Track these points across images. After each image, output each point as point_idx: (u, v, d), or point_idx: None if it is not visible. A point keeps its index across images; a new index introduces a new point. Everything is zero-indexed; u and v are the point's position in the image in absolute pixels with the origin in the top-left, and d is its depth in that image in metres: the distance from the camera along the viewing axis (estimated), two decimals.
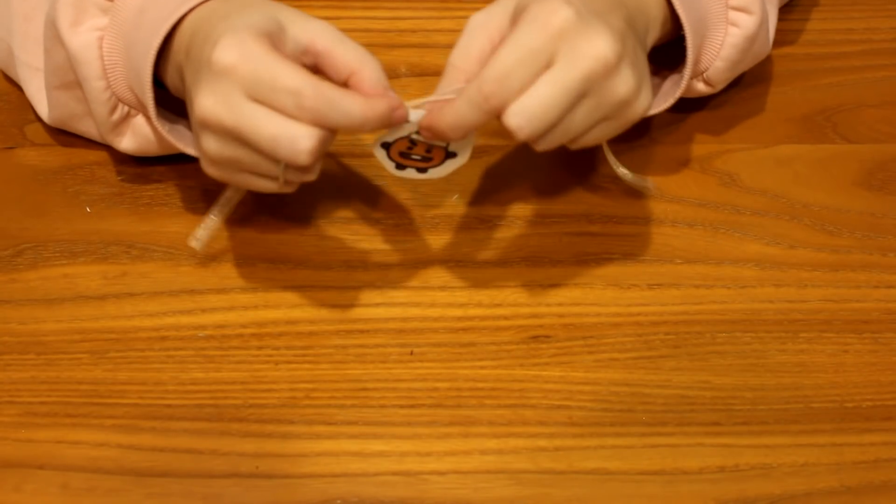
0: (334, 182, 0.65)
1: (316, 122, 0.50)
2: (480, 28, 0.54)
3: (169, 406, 0.58)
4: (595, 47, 0.51)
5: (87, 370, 0.59)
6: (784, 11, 0.74)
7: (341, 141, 0.66)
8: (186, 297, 0.61)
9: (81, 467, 0.56)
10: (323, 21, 0.54)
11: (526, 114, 0.51)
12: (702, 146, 0.68)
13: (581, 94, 0.52)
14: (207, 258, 0.62)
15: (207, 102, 0.51)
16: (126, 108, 0.61)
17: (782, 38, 0.73)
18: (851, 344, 0.61)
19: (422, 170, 0.57)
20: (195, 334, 0.60)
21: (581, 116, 0.53)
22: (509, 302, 0.62)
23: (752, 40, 0.63)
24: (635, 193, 0.66)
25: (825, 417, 0.59)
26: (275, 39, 0.52)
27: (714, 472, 0.57)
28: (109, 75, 0.59)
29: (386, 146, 0.56)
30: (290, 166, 0.52)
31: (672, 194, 0.66)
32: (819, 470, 0.57)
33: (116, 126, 0.62)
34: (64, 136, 0.67)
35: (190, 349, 0.60)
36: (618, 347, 0.60)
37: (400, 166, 0.57)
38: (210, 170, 0.55)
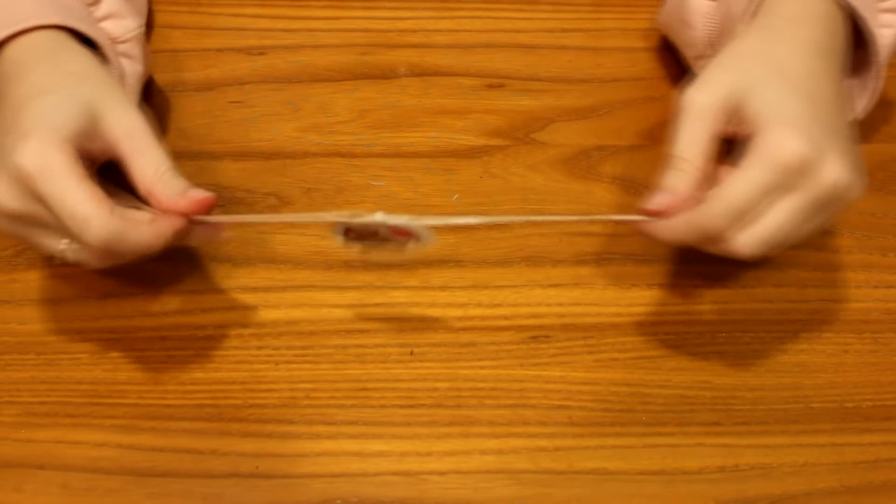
0: (334, 182, 0.65)
1: (103, 250, 0.51)
2: (702, 116, 0.53)
3: (169, 406, 0.58)
4: (833, 175, 0.51)
5: (87, 370, 0.59)
6: None
7: (341, 141, 0.66)
8: (186, 297, 0.61)
9: (81, 467, 0.56)
10: (138, 117, 0.54)
11: (756, 241, 0.52)
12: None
13: (813, 214, 0.52)
14: (207, 258, 0.62)
15: (2, 193, 0.51)
16: None
17: None
18: (851, 344, 0.61)
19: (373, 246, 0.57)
20: (195, 334, 0.60)
21: (806, 229, 0.53)
22: (509, 302, 0.62)
23: None
24: (635, 193, 0.66)
25: (825, 417, 0.59)
26: (84, 138, 0.52)
27: (714, 472, 0.57)
28: None
29: (347, 230, 0.55)
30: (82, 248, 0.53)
31: None
32: (819, 470, 0.57)
33: None
34: None
35: (190, 349, 0.60)
36: (618, 347, 0.60)
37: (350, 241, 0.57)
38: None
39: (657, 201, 0.54)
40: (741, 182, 0.51)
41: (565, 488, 0.56)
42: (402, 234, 0.55)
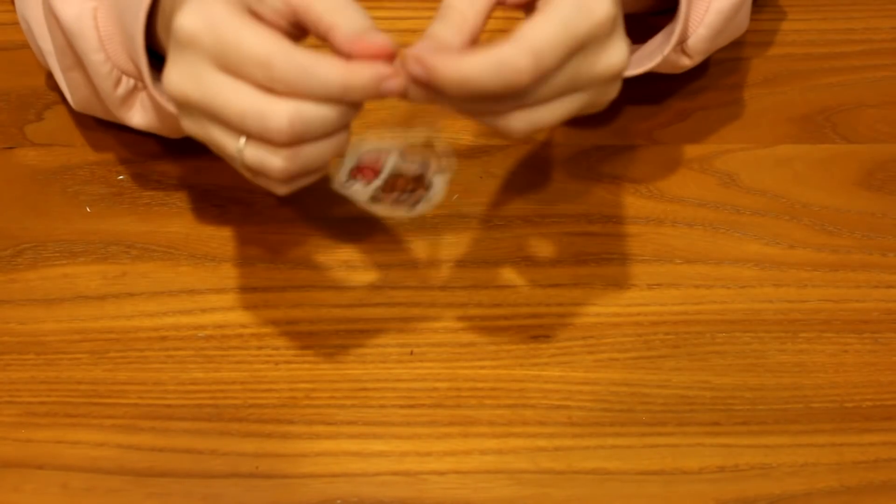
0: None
1: (291, 93, 0.45)
2: None
3: (169, 406, 0.58)
4: (618, 59, 0.49)
5: (86, 370, 0.59)
6: (783, 11, 0.74)
7: None
8: (186, 297, 0.61)
9: (81, 467, 0.56)
10: None
11: (531, 125, 0.48)
12: (702, 146, 0.68)
13: (576, 50, 0.47)
14: (207, 258, 0.62)
15: (173, 76, 0.47)
16: (132, 81, 0.58)
17: (782, 38, 0.73)
18: (851, 344, 0.61)
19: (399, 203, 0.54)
20: (195, 334, 0.60)
21: (567, 75, 0.48)
22: (509, 302, 0.62)
23: (737, 8, 0.61)
24: (635, 193, 0.66)
25: (825, 417, 0.59)
26: (250, 1, 0.47)
27: (714, 472, 0.57)
28: (107, 46, 0.57)
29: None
30: (263, 147, 0.47)
31: (672, 194, 0.66)
32: (819, 470, 0.57)
33: (124, 101, 0.59)
34: (64, 136, 0.67)
35: (190, 349, 0.60)
36: (618, 347, 0.60)
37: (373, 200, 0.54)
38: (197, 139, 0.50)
39: (421, 46, 0.48)
40: (546, 21, 0.46)
41: (565, 488, 0.56)
42: (412, 186, 0.53)
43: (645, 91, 0.69)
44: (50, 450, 0.56)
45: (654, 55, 0.61)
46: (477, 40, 0.49)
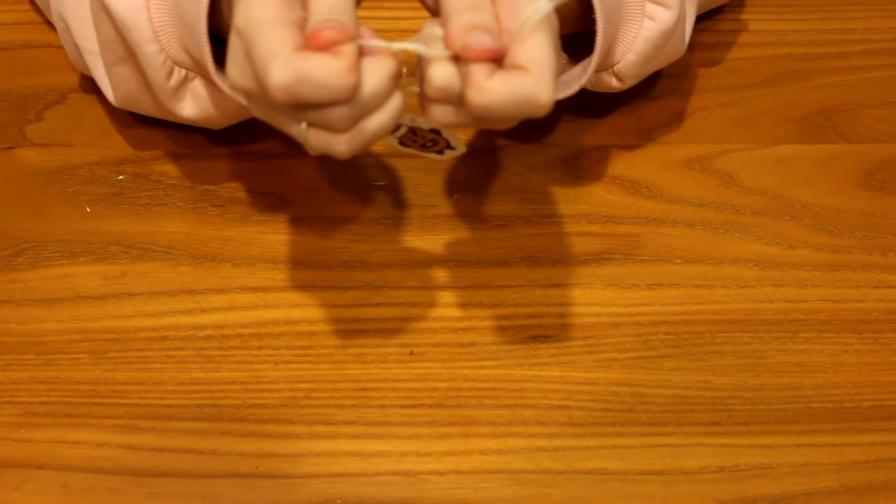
0: (334, 182, 0.65)
1: (337, 119, 0.47)
2: None
3: (169, 406, 0.58)
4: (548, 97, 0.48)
5: (86, 370, 0.59)
6: (783, 11, 0.74)
7: None
8: (186, 297, 0.61)
9: (81, 467, 0.56)
10: None
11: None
12: (702, 146, 0.68)
13: None
14: (207, 258, 0.62)
15: (233, 71, 0.49)
16: (183, 72, 0.59)
17: (782, 38, 0.73)
18: (851, 344, 0.61)
19: (425, 148, 0.56)
20: (195, 334, 0.60)
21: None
22: (509, 302, 0.62)
23: (667, 37, 0.61)
24: (635, 193, 0.66)
25: (825, 417, 0.59)
26: None
27: (714, 472, 0.57)
28: (161, 37, 0.57)
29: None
30: (325, 132, 0.48)
31: (672, 194, 0.66)
32: (819, 470, 0.57)
33: (176, 92, 0.59)
34: (64, 136, 0.67)
35: (190, 349, 0.60)
36: (618, 347, 0.60)
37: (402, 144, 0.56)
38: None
39: (480, 38, 0.47)
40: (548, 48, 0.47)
41: (565, 488, 0.56)
42: (433, 139, 0.55)
43: (645, 91, 0.69)
44: (50, 450, 0.56)
45: (572, 82, 0.60)
46: None
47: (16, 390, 0.58)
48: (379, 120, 0.48)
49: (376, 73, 0.47)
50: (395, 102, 0.48)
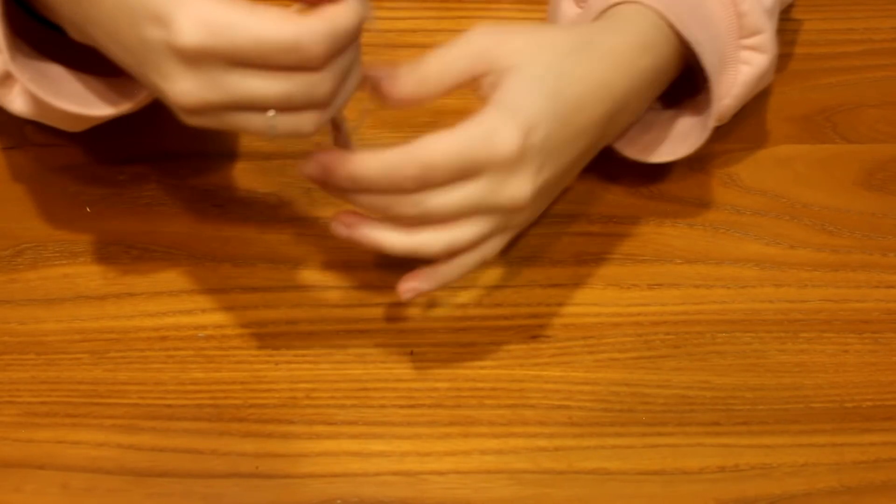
0: None
1: (329, 75, 0.46)
2: (471, 56, 0.53)
3: (169, 406, 0.58)
4: (520, 193, 0.52)
5: (87, 370, 0.59)
6: (784, 11, 0.74)
7: None
8: (186, 297, 0.61)
9: (81, 467, 0.56)
10: None
11: (442, 244, 0.53)
12: (702, 146, 0.68)
13: (470, 173, 0.52)
14: (207, 258, 0.62)
15: (186, 89, 0.45)
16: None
17: (782, 38, 0.73)
18: (851, 344, 0.61)
19: None
20: (195, 334, 0.60)
21: (465, 195, 0.52)
22: (509, 302, 0.62)
23: (761, 77, 0.63)
24: (635, 193, 0.66)
25: (825, 417, 0.59)
26: None
27: (714, 472, 0.57)
28: None
29: None
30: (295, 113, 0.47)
31: (672, 194, 0.66)
32: (819, 470, 0.57)
33: (3, 82, 0.54)
34: (64, 136, 0.66)
35: (190, 349, 0.60)
36: (618, 347, 0.60)
37: None
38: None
39: (379, 69, 0.52)
40: (451, 141, 0.51)
41: (565, 488, 0.56)
42: None
43: None
44: (50, 450, 0.56)
45: (688, 139, 0.62)
46: (428, 101, 0.54)
47: (16, 390, 0.58)
48: (354, 80, 0.49)
49: (338, 14, 0.45)
50: (356, 60, 0.48)
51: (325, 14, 0.45)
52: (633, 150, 0.63)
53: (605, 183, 0.66)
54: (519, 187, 0.52)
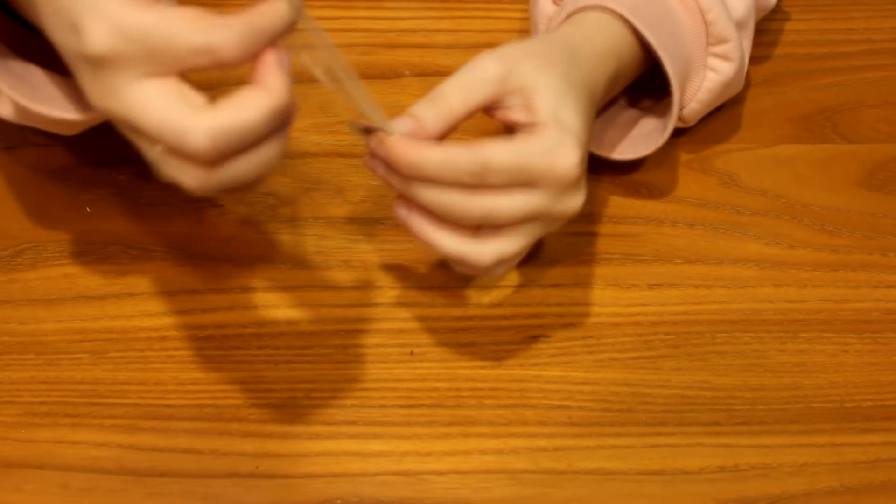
0: (334, 182, 0.65)
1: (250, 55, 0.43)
2: (488, 82, 0.53)
3: (169, 406, 0.58)
4: (576, 205, 0.54)
5: (87, 370, 0.59)
6: (783, 11, 0.74)
7: (341, 141, 0.66)
8: (186, 297, 0.61)
9: (81, 467, 0.56)
10: None
11: (495, 253, 0.53)
12: (702, 146, 0.68)
13: (527, 184, 0.52)
14: (207, 258, 0.62)
15: (92, 94, 0.44)
16: None
17: (782, 38, 0.73)
18: (851, 344, 0.61)
19: None
20: (195, 334, 0.60)
21: (520, 203, 0.53)
22: (509, 302, 0.62)
23: (728, 85, 0.64)
24: (635, 193, 0.66)
25: (825, 417, 0.59)
26: None
27: (714, 472, 0.57)
28: None
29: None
30: (179, 162, 0.44)
31: (672, 194, 0.66)
32: (819, 470, 0.57)
33: None
34: (64, 136, 0.66)
35: (190, 349, 0.60)
36: (618, 347, 0.60)
37: None
38: None
39: (400, 122, 0.52)
40: (509, 144, 0.51)
41: (565, 488, 0.56)
42: None
43: None
44: (50, 450, 0.56)
45: (649, 140, 0.64)
46: (454, 131, 0.54)
47: (16, 390, 0.58)
48: (245, 166, 0.43)
49: (246, 109, 0.42)
50: (271, 149, 0.44)
51: (242, 14, 0.43)
52: (596, 146, 0.64)
53: (604, 183, 0.66)
54: (575, 200, 0.54)
